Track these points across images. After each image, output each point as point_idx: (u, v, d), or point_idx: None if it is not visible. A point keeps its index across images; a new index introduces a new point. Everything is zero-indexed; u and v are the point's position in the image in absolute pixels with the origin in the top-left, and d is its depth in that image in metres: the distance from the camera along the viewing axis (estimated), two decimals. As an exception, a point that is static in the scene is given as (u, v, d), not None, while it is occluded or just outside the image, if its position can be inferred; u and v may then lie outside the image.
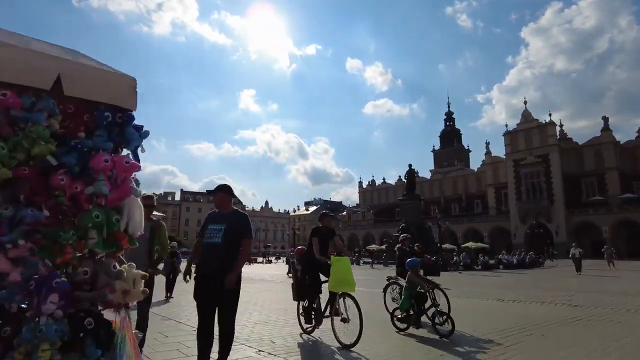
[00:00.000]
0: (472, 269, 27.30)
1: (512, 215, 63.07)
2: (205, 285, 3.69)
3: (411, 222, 37.44)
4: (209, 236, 3.79)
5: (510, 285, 15.39)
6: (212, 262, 3.68)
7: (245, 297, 10.88)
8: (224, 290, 3.57)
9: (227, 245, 3.67)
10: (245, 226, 3.84)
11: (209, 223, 3.91)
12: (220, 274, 3.58)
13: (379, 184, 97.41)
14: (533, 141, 61.81)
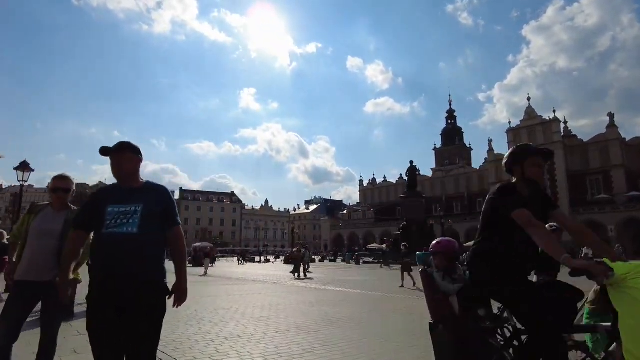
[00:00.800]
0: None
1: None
2: (109, 305, 2.25)
3: (413, 220, 36.36)
4: (112, 223, 2.33)
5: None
6: (126, 267, 2.27)
7: (225, 303, 9.59)
8: (147, 312, 2.32)
9: (147, 238, 2.34)
10: (173, 207, 2.53)
11: (108, 204, 2.40)
12: (142, 285, 2.30)
13: (380, 183, 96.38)
14: (537, 138, 60.58)
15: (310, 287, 13.96)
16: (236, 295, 11.40)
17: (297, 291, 12.65)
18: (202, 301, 9.65)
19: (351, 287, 13.88)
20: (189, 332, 5.83)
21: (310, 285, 14.94)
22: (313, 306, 8.95)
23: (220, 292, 12.16)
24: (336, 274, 21.35)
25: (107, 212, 2.37)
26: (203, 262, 25.41)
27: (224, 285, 14.74)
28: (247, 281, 17.06)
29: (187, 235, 75.59)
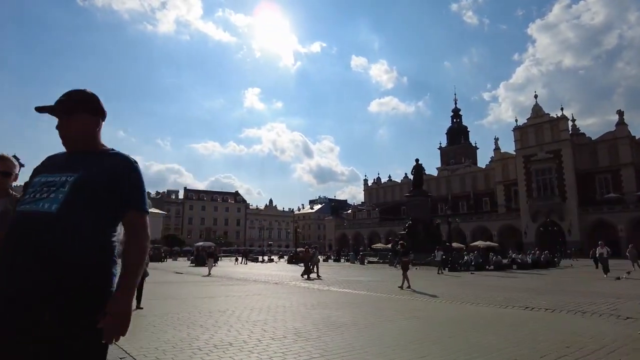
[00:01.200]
0: (483, 269, 25.57)
1: (522, 213, 61.05)
2: (8, 330, 1.42)
3: (418, 219, 35.72)
4: (28, 198, 1.61)
5: (532, 288, 13.63)
6: (28, 264, 1.46)
7: (221, 305, 8.90)
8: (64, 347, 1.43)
9: (73, 222, 1.54)
10: (130, 182, 1.69)
11: (41, 173, 1.72)
12: (57, 299, 1.45)
13: (385, 182, 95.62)
14: (544, 136, 59.74)
15: (312, 288, 13.42)
16: (235, 296, 10.88)
17: (298, 292, 12.11)
18: (197, 303, 9.14)
19: (355, 288, 13.33)
20: (175, 338, 5.31)
21: (312, 286, 14.40)
22: (314, 309, 8.41)
23: (219, 293, 11.65)
24: (340, 274, 20.79)
25: (32, 183, 1.67)
26: (207, 262, 24.79)
27: (224, 286, 14.24)
28: (248, 281, 16.54)
29: (192, 235, 75.36)
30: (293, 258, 36.75)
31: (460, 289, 13.38)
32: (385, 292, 11.92)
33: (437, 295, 11.06)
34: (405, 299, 10.48)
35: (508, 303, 9.46)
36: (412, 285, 13.30)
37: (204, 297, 10.48)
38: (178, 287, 14.04)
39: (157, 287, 13.20)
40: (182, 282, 16.47)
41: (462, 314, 8.05)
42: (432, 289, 13.24)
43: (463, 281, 17.12)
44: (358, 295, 11.44)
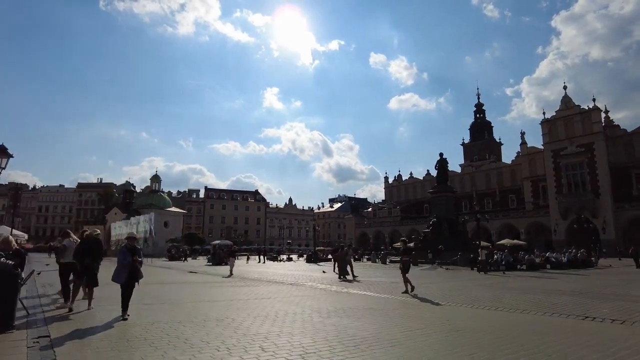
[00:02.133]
0: (514, 269, 23.79)
1: (551, 210, 58.25)
2: None
3: (443, 217, 33.99)
4: None
5: (578, 291, 12.00)
6: None
7: (220, 312, 7.44)
8: None
9: None
10: None
11: None
12: None
13: (406, 179, 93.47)
14: (574, 129, 56.76)
15: (330, 290, 12.12)
16: (241, 300, 9.68)
17: (313, 295, 10.83)
18: (194, 308, 7.96)
19: (377, 290, 11.97)
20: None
21: (331, 287, 13.09)
22: (329, 317, 7.11)
23: (223, 296, 10.48)
24: (361, 275, 19.41)
25: None
26: (227, 261, 23.51)
27: (233, 288, 13.08)
28: (261, 282, 15.38)
29: (212, 234, 75.03)
30: (312, 257, 35.54)
31: (497, 291, 11.87)
32: (410, 296, 10.53)
33: (472, 300, 9.61)
34: (435, 305, 9.07)
35: (559, 310, 7.96)
36: (441, 287, 11.87)
37: (205, 301, 9.32)
38: (183, 288, 12.95)
39: (160, 288, 12.15)
40: (191, 282, 15.41)
41: (509, 323, 6.62)
42: (463, 292, 11.78)
43: (496, 282, 15.55)
44: (380, 299, 10.09)
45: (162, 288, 12.20)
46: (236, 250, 25.40)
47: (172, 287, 13.35)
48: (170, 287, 13.32)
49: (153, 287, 11.70)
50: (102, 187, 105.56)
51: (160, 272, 23.51)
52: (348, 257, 18.01)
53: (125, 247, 7.23)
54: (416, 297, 10.18)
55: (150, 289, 10.76)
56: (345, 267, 17.19)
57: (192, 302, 9.14)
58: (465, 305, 8.83)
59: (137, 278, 7.12)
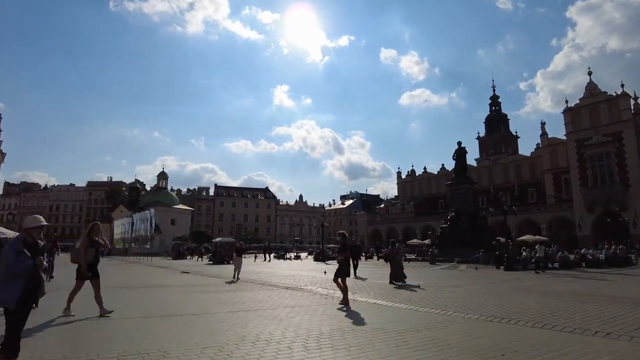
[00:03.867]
0: (546, 268, 21.06)
1: (575, 204, 54.88)
2: None
3: (462, 210, 31.25)
4: None
5: (638, 297, 9.38)
6: None
7: (160, 337, 4.60)
8: None
9: None
10: None
11: None
12: None
13: (420, 174, 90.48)
14: (600, 118, 53.24)
15: (333, 297, 9.66)
16: (207, 314, 7.29)
17: (309, 306, 8.39)
18: (124, 330, 5.55)
19: (392, 299, 9.49)
20: None
21: (336, 293, 10.60)
22: (320, 348, 4.66)
23: (187, 307, 8.08)
24: (373, 276, 16.96)
25: None
26: (232, 261, 18.19)
27: (210, 294, 10.72)
28: (253, 285, 13.01)
29: (222, 231, 73.00)
30: (319, 255, 33.09)
31: (546, 299, 9.29)
32: (436, 306, 8.02)
33: (521, 312, 7.07)
34: (468, 321, 6.55)
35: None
36: (470, 291, 9.33)
37: (156, 316, 6.97)
38: (147, 295, 10.62)
39: (121, 294, 9.79)
40: (170, 286, 13.08)
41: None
42: (502, 299, 9.23)
43: (534, 285, 12.93)
44: (397, 311, 7.61)
45: (124, 294, 9.89)
46: (244, 247, 19.64)
47: (139, 292, 11.04)
48: (137, 292, 11.01)
49: (113, 293, 9.38)
50: (112, 185, 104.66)
51: (148, 271, 21.33)
52: (399, 255, 14.98)
53: (17, 243, 4.15)
54: (441, 309, 7.66)
55: (110, 293, 8.43)
56: (400, 270, 13.98)
57: (139, 317, 6.77)
58: (518, 323, 6.30)
59: (36, 296, 4.24)
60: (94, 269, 7.24)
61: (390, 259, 14.69)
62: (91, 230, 7.46)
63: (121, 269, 22.72)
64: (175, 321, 6.45)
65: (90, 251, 7.24)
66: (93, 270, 7.20)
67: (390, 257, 14.75)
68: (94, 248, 7.34)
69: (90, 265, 7.16)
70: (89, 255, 7.18)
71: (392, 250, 14.98)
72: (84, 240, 7.27)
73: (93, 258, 7.29)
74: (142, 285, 13.14)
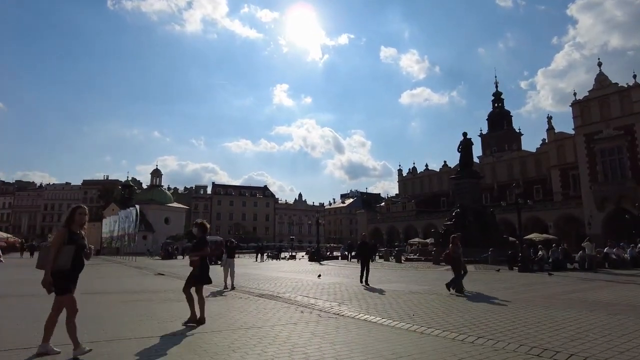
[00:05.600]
0: (564, 269, 18.72)
1: (585, 201, 52.40)
2: None
3: (468, 206, 28.87)
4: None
5: None
6: None
7: None
8: None
9: None
10: None
11: None
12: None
13: (421, 171, 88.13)
14: (611, 110, 50.72)
15: (318, 308, 7.30)
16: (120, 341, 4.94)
17: (272, 327, 6.03)
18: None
19: (393, 314, 7.11)
20: None
21: (317, 303, 8.22)
22: None
23: (106, 327, 5.73)
24: (375, 279, 14.60)
25: None
26: (221, 263, 15.79)
27: (160, 304, 8.38)
28: (225, 291, 10.66)
29: (220, 231, 70.48)
30: (314, 255, 30.73)
31: (605, 315, 6.92)
32: (455, 325, 5.65)
33: (559, 327, 4.71)
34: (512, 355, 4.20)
35: None
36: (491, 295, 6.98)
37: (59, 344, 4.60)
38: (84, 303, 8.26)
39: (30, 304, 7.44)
40: (119, 292, 10.73)
41: None
42: (554, 316, 6.87)
43: (565, 291, 10.58)
44: (401, 336, 5.24)
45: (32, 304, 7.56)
46: (235, 246, 15.02)
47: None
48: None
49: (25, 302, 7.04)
50: (107, 184, 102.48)
51: (120, 273, 19.00)
52: (459, 252, 11.08)
53: None
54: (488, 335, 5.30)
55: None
56: (463, 273, 10.73)
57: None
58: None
59: None
60: (71, 279, 4.46)
61: (453, 259, 10.92)
62: (72, 217, 4.57)
63: (88, 270, 20.39)
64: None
65: (66, 251, 4.38)
66: (69, 282, 4.43)
67: (455, 258, 10.85)
68: (76, 245, 4.47)
69: (65, 273, 4.35)
70: (64, 256, 4.35)
71: (455, 249, 10.94)
72: (60, 233, 4.51)
73: (72, 261, 4.39)
74: (89, 291, 10.81)
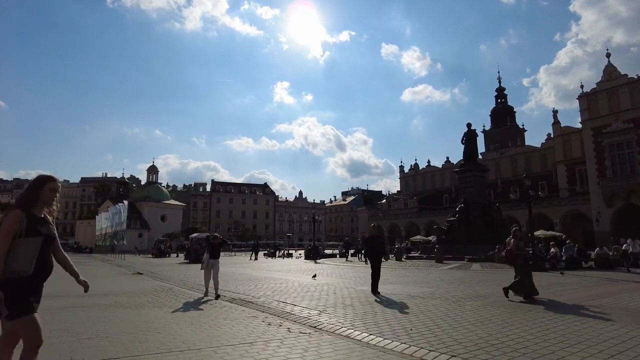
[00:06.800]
0: (579, 267, 17.18)
1: (592, 197, 50.66)
2: None
3: (473, 201, 27.26)
4: None
5: None
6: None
7: None
8: None
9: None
10: None
11: None
12: None
13: (424, 168, 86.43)
14: (620, 103, 48.88)
15: (293, 319, 5.73)
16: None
17: (216, 350, 4.49)
18: None
19: (386, 332, 5.55)
20: None
21: (294, 310, 6.64)
22: None
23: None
24: (369, 280, 13.04)
25: None
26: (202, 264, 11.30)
27: (104, 312, 6.82)
28: (192, 292, 9.10)
29: (220, 228, 68.71)
30: (311, 253, 29.16)
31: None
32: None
33: None
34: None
35: None
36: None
37: None
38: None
39: None
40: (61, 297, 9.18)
41: None
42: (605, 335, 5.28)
43: (595, 294, 8.97)
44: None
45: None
46: (220, 243, 10.56)
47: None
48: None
49: None
50: (104, 181, 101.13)
51: (93, 272, 17.39)
52: (523, 248, 9.17)
53: None
54: None
55: None
56: (530, 276, 8.55)
57: None
58: None
59: None
60: (33, 290, 2.91)
61: (518, 258, 8.70)
62: (35, 193, 2.97)
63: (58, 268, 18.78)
64: None
65: (25, 247, 2.82)
66: (30, 296, 2.85)
67: (520, 255, 8.73)
68: (39, 237, 2.89)
69: (23, 282, 2.80)
70: (21, 255, 2.79)
71: (518, 244, 8.78)
72: (13, 218, 2.81)
73: (33, 262, 2.84)
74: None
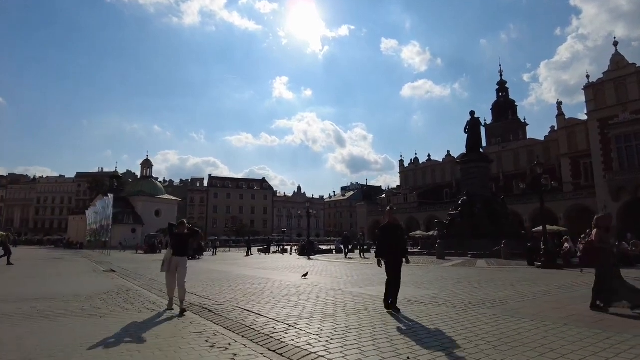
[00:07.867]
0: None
1: (598, 191, 49.11)
2: None
3: (476, 194, 25.64)
4: None
5: None
6: None
7: None
8: None
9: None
10: None
11: None
12: None
13: (424, 162, 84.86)
14: (628, 93, 47.21)
15: (246, 335, 4.15)
16: None
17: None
18: None
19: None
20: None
21: (258, 322, 5.07)
22: None
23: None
24: (361, 279, 11.46)
25: None
26: (163, 264, 8.80)
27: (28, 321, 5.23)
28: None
29: (217, 224, 66.76)
30: (304, 249, 27.60)
31: None
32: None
33: None
34: None
35: None
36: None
37: None
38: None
39: None
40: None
41: None
42: None
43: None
44: None
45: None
46: (190, 235, 7.54)
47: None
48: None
49: None
50: (99, 176, 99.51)
51: (66, 270, 15.83)
52: (610, 242, 7.24)
53: None
54: None
55: None
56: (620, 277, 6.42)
57: None
58: None
59: None
60: None
61: (603, 254, 6.47)
62: None
63: (35, 267, 17.27)
64: None
65: None
66: None
67: (604, 250, 6.50)
68: None
69: None
70: None
71: (603, 236, 6.57)
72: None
73: None
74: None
